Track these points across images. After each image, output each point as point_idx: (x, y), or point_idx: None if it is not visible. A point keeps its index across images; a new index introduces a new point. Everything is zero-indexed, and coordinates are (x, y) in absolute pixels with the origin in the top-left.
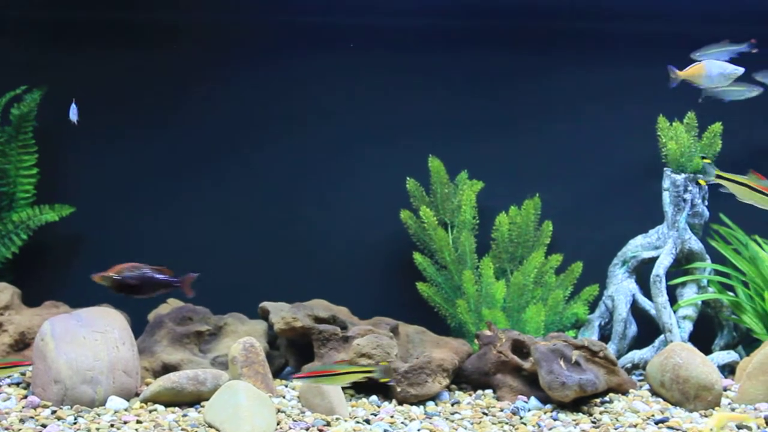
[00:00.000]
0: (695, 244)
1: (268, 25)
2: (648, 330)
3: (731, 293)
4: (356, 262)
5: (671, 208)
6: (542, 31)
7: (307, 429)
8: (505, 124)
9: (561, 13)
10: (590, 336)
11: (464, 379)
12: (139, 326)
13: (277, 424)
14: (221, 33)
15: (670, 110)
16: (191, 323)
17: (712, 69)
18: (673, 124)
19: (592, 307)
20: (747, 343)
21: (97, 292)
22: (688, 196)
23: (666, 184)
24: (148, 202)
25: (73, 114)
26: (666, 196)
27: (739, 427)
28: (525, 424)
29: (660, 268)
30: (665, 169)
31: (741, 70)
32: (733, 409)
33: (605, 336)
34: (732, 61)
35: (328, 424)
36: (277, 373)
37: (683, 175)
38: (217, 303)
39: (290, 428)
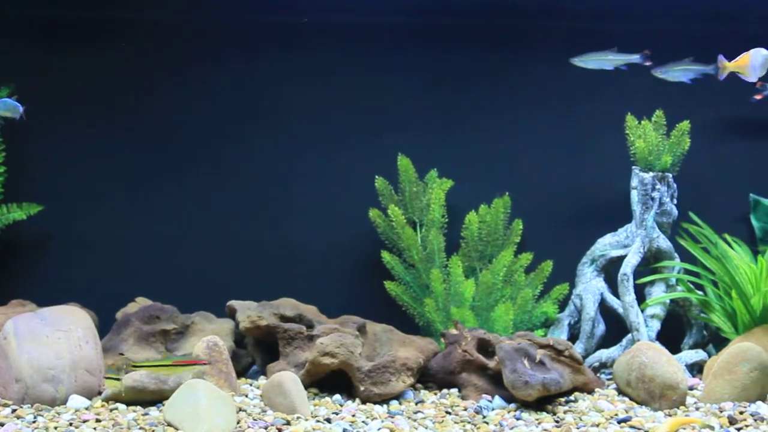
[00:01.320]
0: (663, 243)
1: (239, 25)
2: (617, 329)
3: (701, 292)
4: (326, 260)
5: (639, 206)
6: (512, 29)
7: (266, 428)
8: (476, 123)
9: (530, 11)
10: (560, 335)
11: (430, 378)
12: (109, 325)
13: (238, 423)
14: (193, 32)
15: (640, 108)
16: (158, 322)
17: (758, 59)
18: (642, 122)
19: (563, 305)
20: (718, 342)
21: (65, 290)
22: (656, 194)
23: (634, 182)
24: (116, 200)
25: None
26: (634, 195)
27: (701, 426)
28: (487, 423)
29: (627, 267)
30: (633, 167)
31: None
32: (697, 408)
33: (575, 335)
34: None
35: (288, 423)
36: (244, 372)
37: (651, 174)
38: (188, 302)
39: (249, 427)
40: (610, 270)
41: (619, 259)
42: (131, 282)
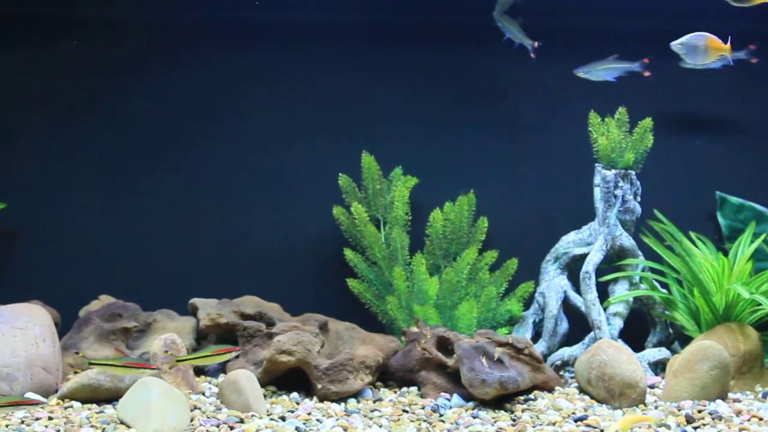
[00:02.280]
0: (626, 241)
1: (200, 22)
2: (580, 327)
3: (665, 291)
4: (291, 258)
5: (602, 204)
6: (477, 27)
7: (218, 426)
8: (442, 121)
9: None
10: (524, 333)
11: (390, 376)
12: (73, 323)
13: (191, 421)
14: (154, 29)
15: (604, 106)
16: (120, 320)
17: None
18: (606, 119)
19: (528, 303)
20: (683, 340)
21: (30, 288)
22: (618, 192)
23: (597, 180)
24: (80, 198)
25: None
26: (597, 192)
27: (657, 425)
28: (443, 421)
29: (589, 265)
30: (596, 165)
31: None
32: (656, 407)
33: (540, 333)
34: None
35: (242, 421)
36: (203, 370)
37: (614, 171)
38: (153, 299)
39: (201, 425)
40: (573, 268)
41: (583, 257)
42: (96, 280)
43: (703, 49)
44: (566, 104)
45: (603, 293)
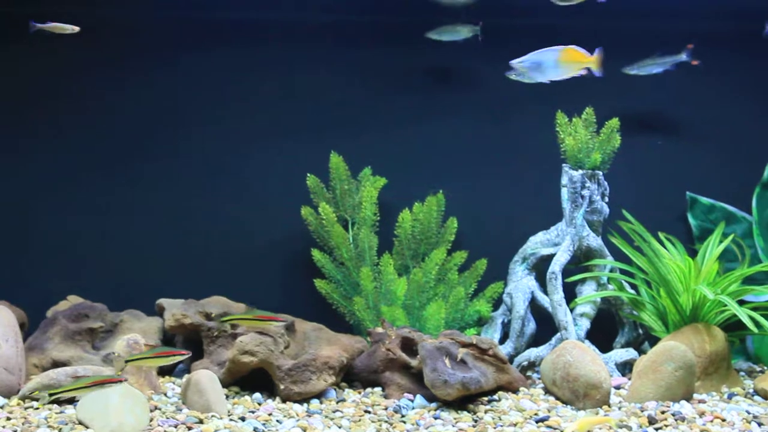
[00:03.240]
0: (593, 241)
1: (168, 22)
2: (548, 327)
3: (633, 291)
4: (260, 259)
5: (569, 204)
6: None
7: (176, 426)
8: (412, 122)
9: (460, 8)
10: (493, 333)
11: (355, 376)
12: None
13: (150, 421)
14: (124, 30)
15: (572, 105)
16: (86, 320)
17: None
18: (573, 119)
19: (497, 304)
20: (654, 341)
21: None
22: (585, 192)
23: (564, 180)
24: (50, 198)
25: None
26: (564, 193)
27: (619, 426)
28: (404, 422)
29: (556, 266)
30: (563, 165)
31: None
32: (620, 408)
33: (508, 333)
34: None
35: (201, 421)
36: (170, 370)
37: (580, 171)
38: (123, 300)
39: (159, 425)
40: (541, 268)
41: (550, 258)
42: (67, 280)
43: (552, 64)
44: (537, 104)
45: (572, 294)
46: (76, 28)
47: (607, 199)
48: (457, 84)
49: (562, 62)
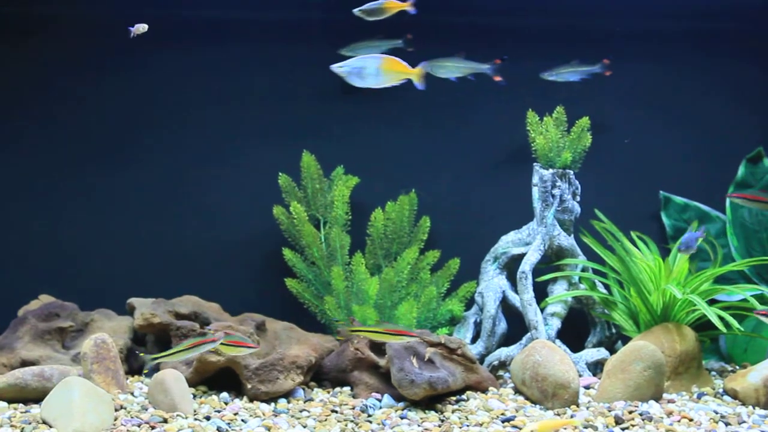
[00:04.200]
0: (564, 241)
1: (137, 21)
2: (519, 327)
3: (606, 291)
4: (232, 258)
5: (540, 203)
6: (416, 25)
7: (140, 425)
8: (385, 121)
9: (428, 6)
10: (465, 333)
11: (324, 376)
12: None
13: (115, 420)
14: (93, 30)
15: (543, 105)
16: (56, 319)
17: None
18: (544, 118)
19: (470, 304)
20: (626, 340)
21: None
22: (556, 191)
23: (535, 179)
24: (18, 198)
25: None
26: (535, 192)
27: (585, 426)
28: (371, 422)
29: (526, 265)
30: (534, 164)
31: None
32: (588, 407)
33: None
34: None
35: (165, 420)
36: (140, 369)
37: (551, 171)
38: (96, 299)
39: (123, 425)
40: (512, 268)
41: (522, 257)
42: (39, 280)
43: (374, 71)
44: (509, 103)
45: (544, 293)
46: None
47: (578, 198)
48: (430, 83)
49: (384, 70)
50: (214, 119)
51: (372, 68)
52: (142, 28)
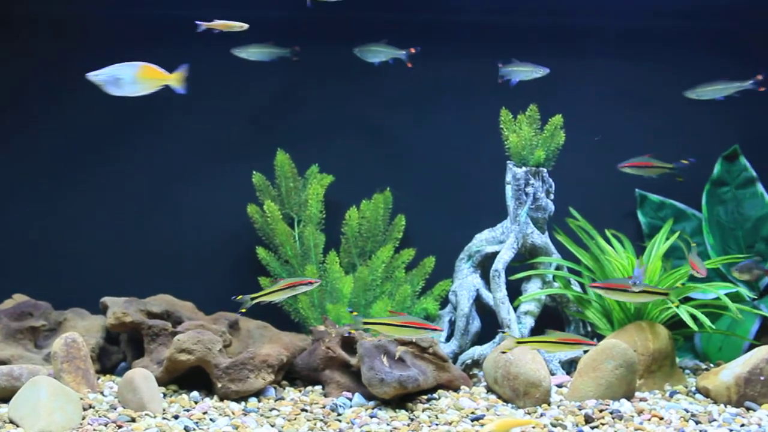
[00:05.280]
0: (538, 239)
1: (113, 20)
2: (493, 325)
3: (581, 289)
4: (207, 256)
5: (513, 202)
6: (388, 24)
7: (106, 424)
8: (359, 119)
9: (405, 6)
10: None
11: (296, 374)
12: None
13: (82, 420)
14: (68, 29)
15: (517, 103)
16: (29, 319)
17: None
18: (518, 116)
19: (446, 302)
20: (601, 339)
21: None
22: (530, 189)
23: (508, 177)
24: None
25: None
26: (508, 190)
27: (554, 425)
28: (340, 420)
29: (499, 263)
30: (508, 162)
31: None
32: (559, 406)
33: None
34: None
35: (133, 420)
36: (113, 369)
37: (524, 169)
38: (72, 298)
39: (89, 424)
40: (486, 266)
41: (495, 255)
42: (12, 279)
43: (130, 80)
44: (484, 102)
45: (519, 292)
46: (245, 26)
47: (552, 197)
48: (404, 82)
49: (140, 78)
50: (188, 119)
51: (128, 76)
52: (237, 26)
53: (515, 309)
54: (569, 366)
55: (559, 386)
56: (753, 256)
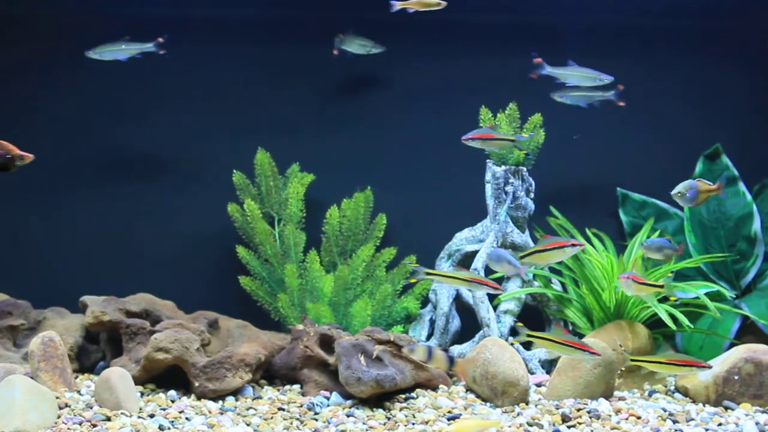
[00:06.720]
0: (518, 238)
1: (97, 16)
2: (473, 324)
3: (561, 288)
4: (187, 255)
5: (493, 200)
6: (372, 25)
7: (81, 423)
8: (339, 118)
9: (387, 6)
10: (421, 330)
11: (275, 373)
12: None
13: (57, 419)
14: (51, 25)
15: (496, 101)
16: (8, 318)
17: None
18: (498, 115)
19: (426, 301)
20: (582, 337)
21: None
22: (509, 188)
23: (488, 176)
24: None
25: None
26: (488, 189)
27: (530, 424)
28: (316, 419)
29: (478, 262)
30: (487, 161)
31: None
32: (536, 405)
33: None
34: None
35: (108, 419)
36: (92, 368)
37: (503, 168)
38: (51, 298)
39: (64, 423)
40: (466, 265)
41: (475, 254)
42: None
43: None
44: (464, 100)
45: None
46: (443, 3)
47: (532, 195)
48: (384, 81)
49: None
50: (168, 116)
51: None
52: (435, 3)
53: (495, 308)
54: (549, 365)
55: (538, 385)
56: (735, 255)
